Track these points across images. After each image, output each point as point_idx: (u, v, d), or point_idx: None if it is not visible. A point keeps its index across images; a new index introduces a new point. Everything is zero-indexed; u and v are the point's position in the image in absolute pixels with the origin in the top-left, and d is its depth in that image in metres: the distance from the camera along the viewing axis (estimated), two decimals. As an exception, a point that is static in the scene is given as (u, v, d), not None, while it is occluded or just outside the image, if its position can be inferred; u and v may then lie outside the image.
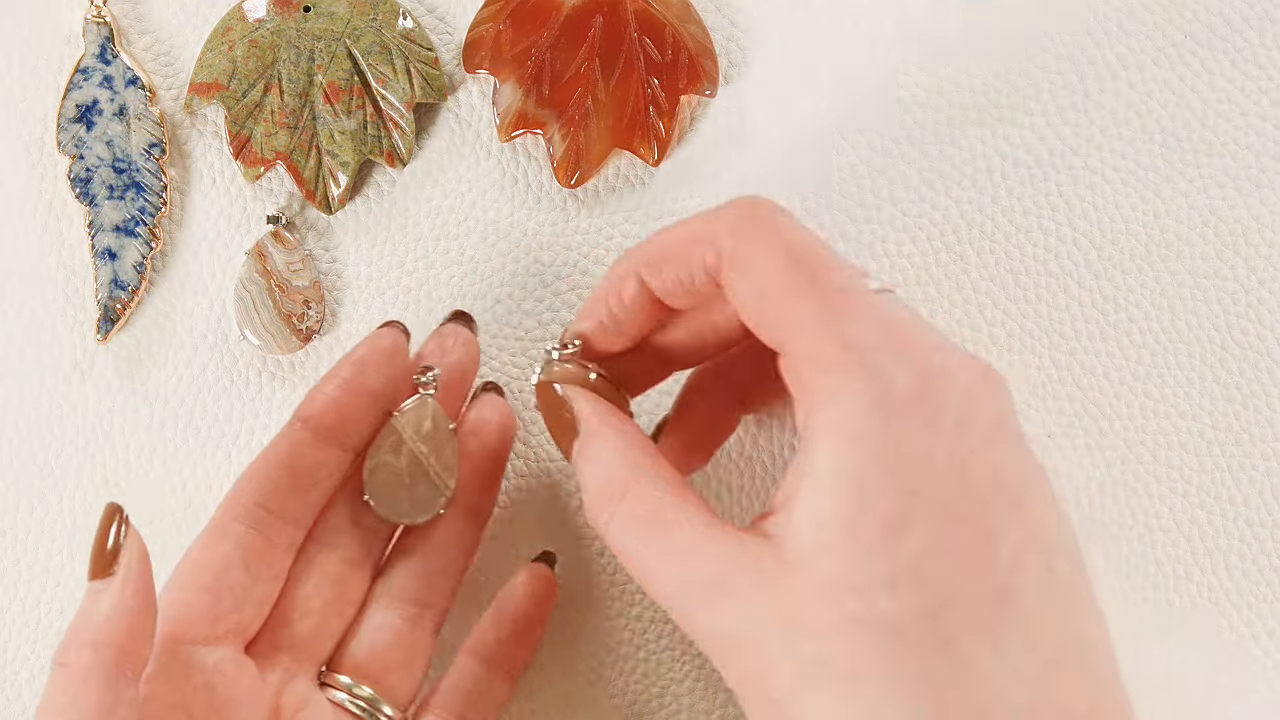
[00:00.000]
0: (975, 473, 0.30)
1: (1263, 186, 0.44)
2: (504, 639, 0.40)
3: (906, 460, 0.30)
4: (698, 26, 0.44)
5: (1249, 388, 0.44)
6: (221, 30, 0.43)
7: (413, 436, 0.39)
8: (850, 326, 0.31)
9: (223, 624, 0.37)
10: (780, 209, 0.34)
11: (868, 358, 0.31)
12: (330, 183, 0.43)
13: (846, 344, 0.31)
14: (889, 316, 0.32)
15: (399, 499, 0.39)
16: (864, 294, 0.32)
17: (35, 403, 0.44)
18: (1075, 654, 0.31)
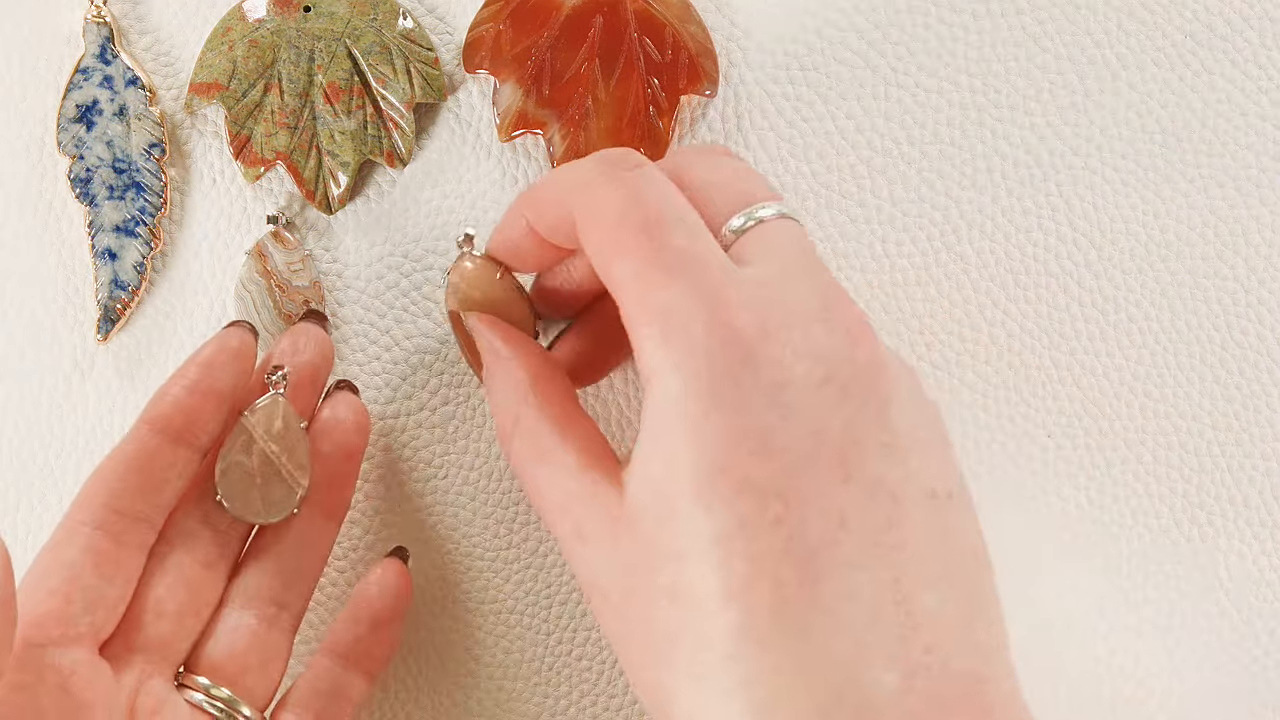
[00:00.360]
0: (802, 441, 0.30)
1: (1263, 186, 0.44)
2: (360, 636, 0.40)
3: (717, 440, 0.30)
4: (698, 26, 0.44)
5: (1249, 388, 0.44)
6: (221, 30, 0.43)
7: (263, 436, 0.39)
8: (664, 293, 0.31)
9: (75, 625, 0.36)
10: (642, 163, 0.34)
11: (676, 332, 0.30)
12: (330, 183, 0.43)
13: (657, 311, 0.31)
14: (717, 281, 0.31)
15: (252, 498, 0.39)
16: (698, 255, 0.31)
17: (35, 403, 0.44)
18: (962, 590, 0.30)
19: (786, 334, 0.30)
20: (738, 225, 0.33)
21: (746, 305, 0.31)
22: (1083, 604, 0.44)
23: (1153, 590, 0.44)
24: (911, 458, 0.30)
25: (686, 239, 0.32)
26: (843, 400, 0.30)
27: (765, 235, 0.33)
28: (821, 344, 0.30)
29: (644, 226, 0.32)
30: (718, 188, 0.34)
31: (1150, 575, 0.44)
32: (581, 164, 0.35)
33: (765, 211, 0.33)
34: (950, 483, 0.31)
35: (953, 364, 0.44)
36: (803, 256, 0.33)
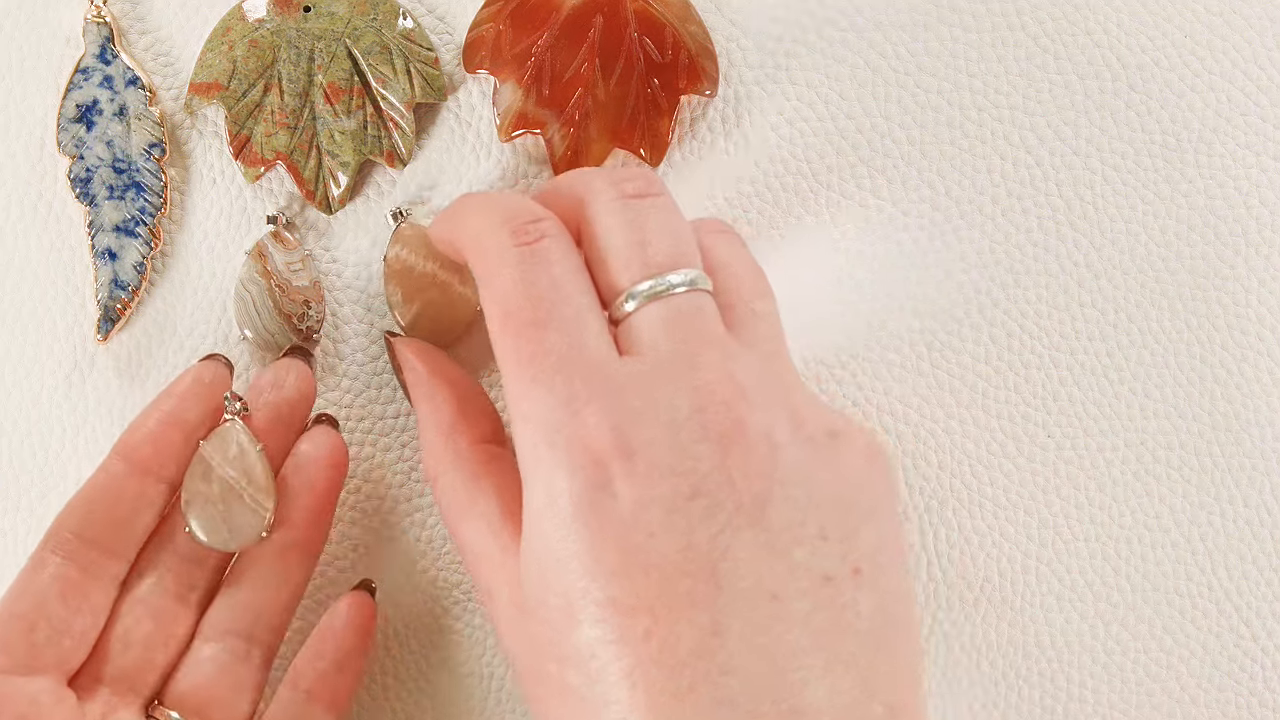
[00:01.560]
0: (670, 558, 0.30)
1: (1262, 186, 0.44)
2: (324, 670, 0.40)
3: (580, 560, 0.30)
4: (698, 26, 0.44)
5: (1249, 388, 0.44)
6: (221, 30, 0.43)
7: (220, 462, 0.39)
8: (528, 404, 0.31)
9: (41, 655, 0.36)
10: (542, 231, 0.33)
11: (540, 447, 0.30)
12: (330, 183, 0.43)
13: (524, 420, 0.31)
14: (581, 395, 0.31)
15: (217, 526, 0.38)
16: (569, 361, 0.31)
17: (35, 403, 0.44)
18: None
19: (650, 451, 0.30)
20: (642, 290, 0.32)
21: (610, 422, 0.30)
22: (1082, 604, 0.44)
23: (1152, 590, 0.44)
24: (797, 550, 0.30)
25: (563, 339, 0.31)
26: (712, 512, 0.30)
27: (656, 318, 0.32)
28: (688, 457, 0.30)
29: (522, 327, 0.31)
30: (629, 249, 0.33)
31: (1150, 575, 0.44)
32: (481, 213, 0.34)
33: (675, 278, 0.32)
34: (858, 559, 0.31)
35: (953, 364, 0.44)
36: (687, 345, 0.32)
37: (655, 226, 0.33)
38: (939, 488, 0.44)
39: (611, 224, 0.33)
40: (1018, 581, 0.44)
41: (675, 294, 0.32)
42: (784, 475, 0.30)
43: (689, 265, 0.33)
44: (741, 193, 0.44)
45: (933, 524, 0.44)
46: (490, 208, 0.34)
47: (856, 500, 0.31)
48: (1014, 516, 0.44)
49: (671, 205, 0.34)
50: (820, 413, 0.32)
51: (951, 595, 0.44)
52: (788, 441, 0.31)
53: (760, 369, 0.32)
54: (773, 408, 0.31)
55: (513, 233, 0.33)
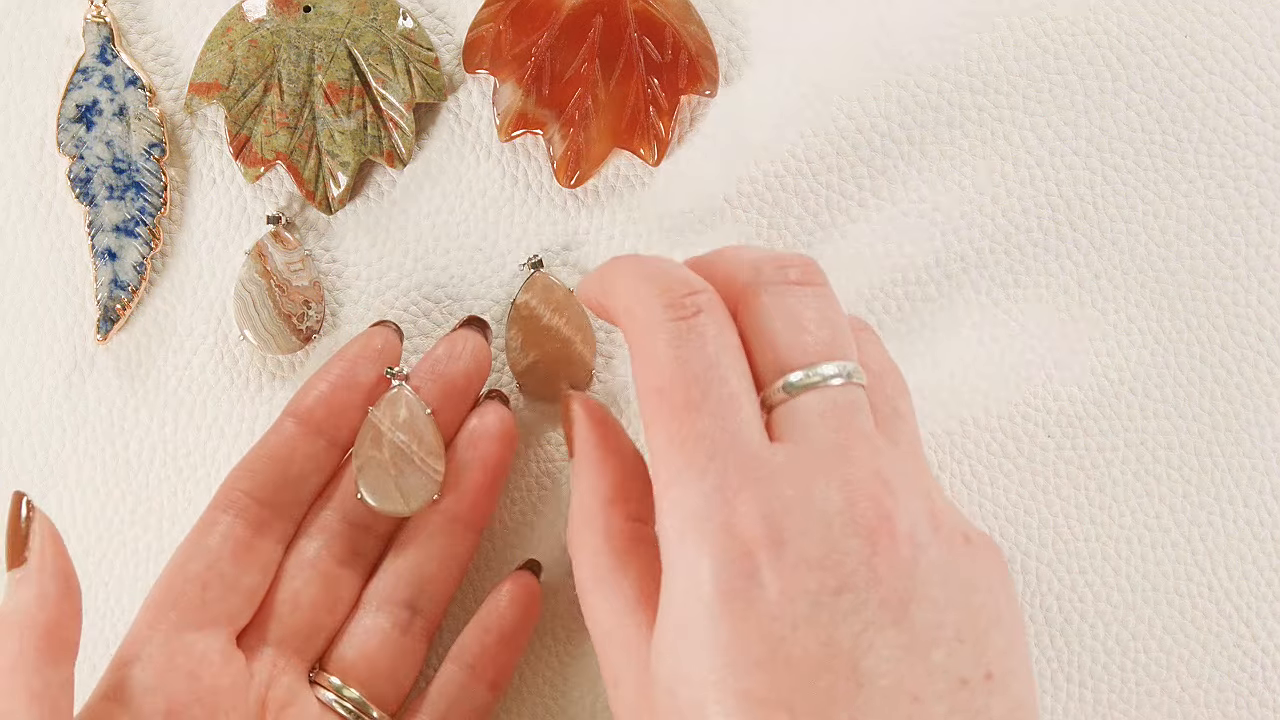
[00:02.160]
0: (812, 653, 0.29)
1: (1263, 186, 0.44)
2: (488, 646, 0.40)
3: (721, 651, 0.29)
4: (698, 26, 0.44)
5: (1249, 388, 0.44)
6: (221, 30, 0.43)
7: (390, 427, 0.39)
8: (679, 490, 0.31)
9: (211, 612, 0.37)
10: (700, 305, 0.32)
11: (688, 533, 0.30)
12: (330, 183, 0.43)
13: (672, 505, 0.31)
14: (734, 482, 0.30)
15: (390, 491, 0.39)
16: (723, 446, 0.31)
17: (35, 403, 0.44)
18: None
19: (800, 542, 0.30)
20: (795, 381, 0.32)
21: (761, 510, 0.30)
22: (1082, 604, 0.44)
23: (1152, 590, 0.44)
24: (936, 652, 0.30)
25: (717, 424, 0.31)
26: (857, 609, 0.30)
27: (812, 407, 0.32)
28: (836, 551, 0.30)
29: (676, 408, 0.31)
30: (786, 335, 0.32)
31: (1150, 575, 0.44)
32: (637, 279, 0.33)
33: (831, 369, 0.32)
34: (990, 664, 0.31)
35: (953, 363, 0.44)
36: (841, 437, 0.31)
37: (815, 315, 0.33)
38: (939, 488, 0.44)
39: (773, 307, 0.33)
40: (1017, 581, 0.44)
41: (831, 385, 0.32)
42: (925, 575, 0.30)
43: (846, 357, 0.33)
44: (741, 193, 0.44)
45: (933, 524, 0.44)
46: (647, 275, 0.33)
47: (986, 605, 0.31)
48: (1014, 516, 0.44)
49: (832, 295, 0.33)
50: (955, 516, 0.32)
51: (951, 595, 0.44)
52: (929, 542, 0.31)
53: (904, 468, 0.32)
54: (916, 508, 0.31)
55: (669, 305, 0.32)
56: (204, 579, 0.37)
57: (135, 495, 0.43)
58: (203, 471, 0.43)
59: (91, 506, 0.43)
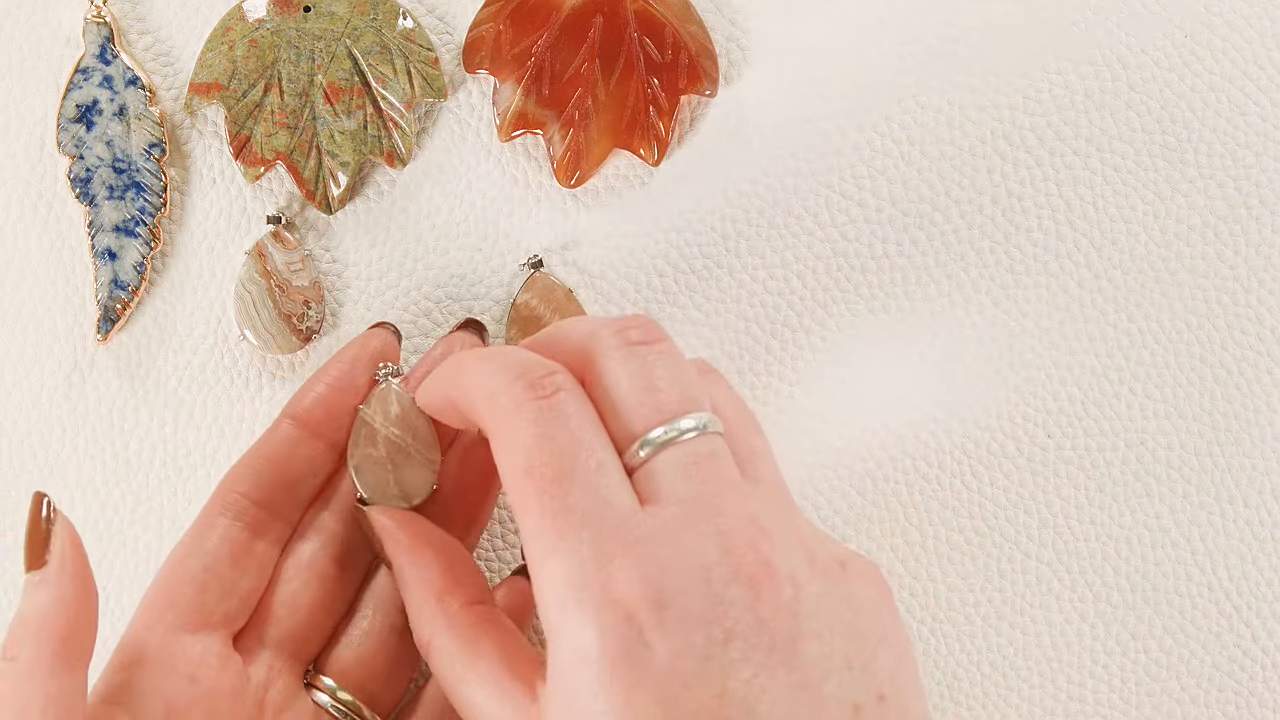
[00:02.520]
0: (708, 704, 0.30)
1: (1263, 186, 0.44)
2: None
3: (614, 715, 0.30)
4: (698, 26, 0.44)
5: (1249, 388, 0.44)
6: (221, 30, 0.43)
7: (383, 424, 0.39)
8: (555, 561, 0.31)
9: (209, 614, 0.37)
10: (557, 386, 0.33)
11: (568, 605, 0.30)
12: (330, 183, 0.43)
13: (550, 579, 0.31)
14: (608, 551, 0.30)
15: (388, 486, 0.39)
16: (594, 516, 0.31)
17: (35, 403, 0.44)
18: None
19: (682, 599, 0.30)
20: (653, 439, 0.32)
21: (640, 574, 0.30)
22: (1083, 604, 0.44)
23: (1152, 590, 0.44)
24: (827, 683, 0.30)
25: (586, 496, 0.31)
26: (747, 656, 0.30)
27: (673, 463, 0.32)
28: (720, 603, 0.30)
29: (545, 484, 0.31)
30: (636, 397, 0.33)
31: (1150, 575, 0.44)
32: (490, 367, 0.34)
33: (687, 423, 0.32)
34: (881, 685, 0.31)
35: (953, 363, 0.44)
36: (708, 488, 0.32)
37: (663, 373, 0.33)
38: (939, 489, 0.44)
39: (620, 373, 0.33)
40: (1018, 581, 0.44)
41: (688, 439, 0.32)
42: (809, 611, 0.31)
43: (700, 408, 0.33)
44: (741, 192, 0.44)
45: (932, 524, 0.44)
46: (502, 363, 0.34)
47: (870, 627, 0.32)
48: (1014, 516, 0.44)
49: (675, 350, 0.34)
50: (826, 544, 0.33)
51: (952, 596, 0.44)
52: (808, 578, 0.31)
53: (773, 508, 0.32)
54: (790, 545, 0.31)
55: (528, 386, 0.32)
56: (201, 581, 0.37)
57: (135, 495, 0.43)
58: (203, 471, 0.43)
59: (91, 506, 0.43)
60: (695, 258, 0.44)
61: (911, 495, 0.44)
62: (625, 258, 0.44)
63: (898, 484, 0.44)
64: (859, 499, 0.44)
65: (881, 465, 0.44)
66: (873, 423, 0.44)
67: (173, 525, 0.43)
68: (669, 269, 0.44)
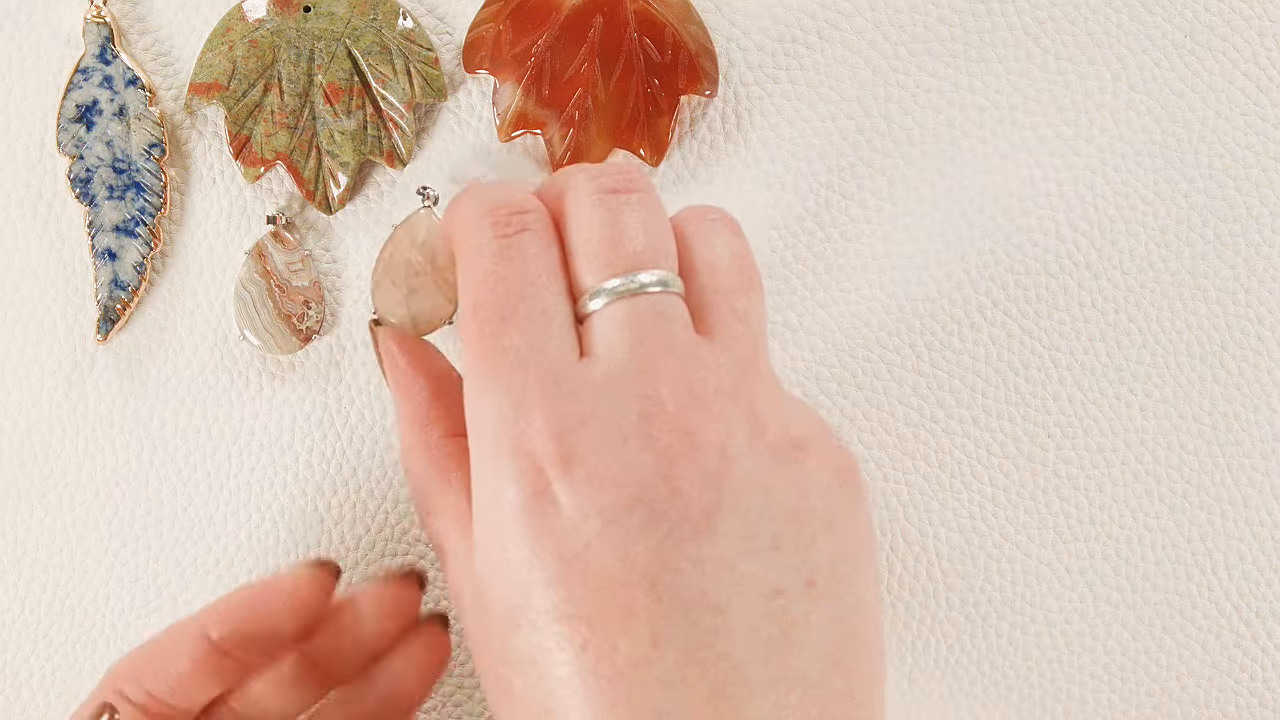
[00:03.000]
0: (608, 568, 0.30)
1: (1263, 186, 0.44)
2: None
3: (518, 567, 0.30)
4: (698, 26, 0.44)
5: (1249, 388, 0.44)
6: (221, 30, 0.43)
7: (408, 246, 0.39)
8: (481, 401, 0.31)
9: None
10: (524, 224, 0.32)
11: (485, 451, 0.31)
12: (330, 183, 0.43)
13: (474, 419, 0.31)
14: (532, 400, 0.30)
15: (399, 309, 0.38)
16: (525, 361, 0.31)
17: (35, 403, 0.44)
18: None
19: (591, 460, 0.30)
20: (608, 288, 0.31)
21: (554, 429, 0.30)
22: (1083, 604, 0.44)
23: (1152, 590, 0.44)
24: (745, 562, 0.29)
25: (523, 338, 0.31)
26: (653, 523, 0.29)
27: (617, 319, 0.31)
28: (630, 469, 0.30)
29: (485, 322, 0.31)
30: (600, 244, 0.32)
31: (1150, 575, 0.44)
32: (470, 201, 0.33)
33: (645, 278, 0.31)
34: (812, 572, 0.30)
35: (953, 364, 0.44)
36: (643, 351, 0.31)
37: (630, 223, 0.32)
38: (939, 488, 0.44)
39: (585, 219, 0.32)
40: (1018, 581, 0.44)
41: (643, 294, 0.31)
42: (735, 485, 0.30)
43: (659, 265, 0.32)
44: (742, 192, 0.44)
45: (932, 524, 0.44)
46: (479, 197, 0.33)
47: (815, 511, 0.31)
48: (1014, 516, 0.44)
49: (651, 202, 0.33)
50: (787, 420, 0.32)
51: (952, 596, 0.44)
52: (744, 452, 0.30)
53: (727, 375, 0.31)
54: (731, 417, 0.30)
55: (493, 224, 0.32)
56: None
57: (135, 495, 0.43)
58: (202, 472, 0.43)
59: (91, 507, 0.43)
60: (695, 258, 0.44)
61: (911, 495, 0.44)
62: (625, 258, 0.44)
63: (898, 484, 0.44)
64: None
65: (881, 465, 0.44)
66: (872, 422, 0.44)
67: (172, 526, 0.43)
68: (669, 269, 0.44)
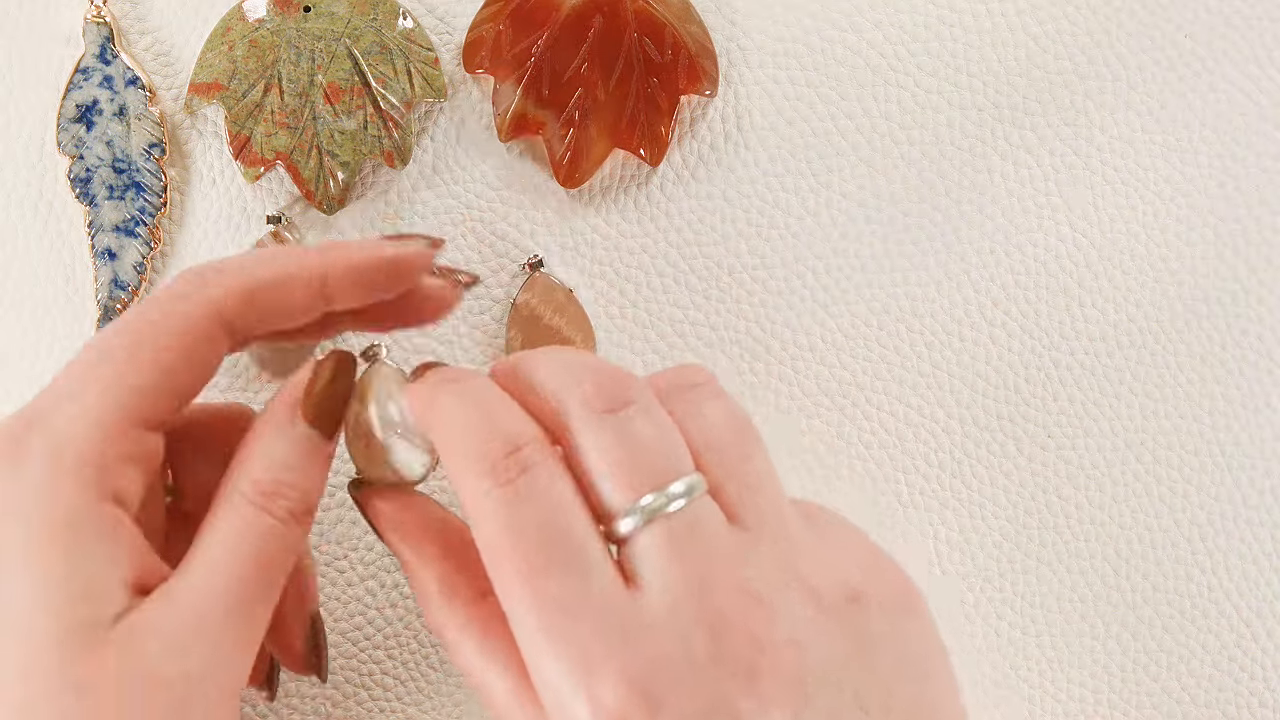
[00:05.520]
0: None
1: (1263, 186, 0.44)
2: None
3: None
4: (698, 26, 0.44)
5: (1249, 388, 0.44)
6: (221, 30, 0.43)
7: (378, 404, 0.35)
8: (541, 663, 0.29)
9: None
10: (528, 463, 0.31)
11: (563, 712, 0.29)
12: (330, 183, 0.43)
13: (543, 689, 0.30)
14: (600, 653, 0.29)
15: (382, 467, 0.35)
16: (580, 609, 0.30)
17: (35, 403, 0.44)
18: None
19: (675, 699, 0.29)
20: (645, 505, 0.30)
21: (628, 678, 0.29)
22: (1083, 604, 0.44)
23: (1152, 590, 0.44)
24: None
25: (567, 587, 0.30)
26: None
27: (658, 540, 0.30)
28: (716, 696, 0.29)
29: (523, 575, 0.30)
30: (612, 470, 0.31)
31: (1150, 575, 0.44)
32: (463, 435, 0.32)
33: (675, 489, 0.30)
34: (897, 713, 0.30)
35: (953, 364, 0.44)
36: (694, 569, 0.30)
37: (643, 437, 0.31)
38: (939, 488, 0.44)
39: (594, 444, 0.31)
40: (1018, 581, 0.44)
41: (670, 510, 0.31)
42: (814, 668, 0.30)
43: (681, 471, 0.31)
44: (741, 193, 0.44)
45: (933, 524, 0.44)
46: (468, 426, 0.32)
47: (885, 662, 0.31)
48: (1014, 516, 0.44)
49: (649, 403, 0.32)
50: (835, 570, 0.31)
51: (952, 595, 0.44)
52: (811, 634, 0.30)
53: (770, 564, 0.31)
54: (790, 601, 0.30)
55: (492, 468, 0.31)
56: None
57: (135, 495, 0.43)
58: (203, 471, 0.43)
59: (91, 506, 0.43)
60: (695, 258, 0.44)
61: (911, 496, 0.44)
62: (625, 258, 0.44)
63: (898, 484, 0.44)
64: (858, 497, 0.44)
65: (881, 465, 0.44)
66: (872, 422, 0.44)
67: (173, 525, 0.43)
68: (669, 269, 0.44)
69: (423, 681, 0.44)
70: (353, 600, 0.44)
